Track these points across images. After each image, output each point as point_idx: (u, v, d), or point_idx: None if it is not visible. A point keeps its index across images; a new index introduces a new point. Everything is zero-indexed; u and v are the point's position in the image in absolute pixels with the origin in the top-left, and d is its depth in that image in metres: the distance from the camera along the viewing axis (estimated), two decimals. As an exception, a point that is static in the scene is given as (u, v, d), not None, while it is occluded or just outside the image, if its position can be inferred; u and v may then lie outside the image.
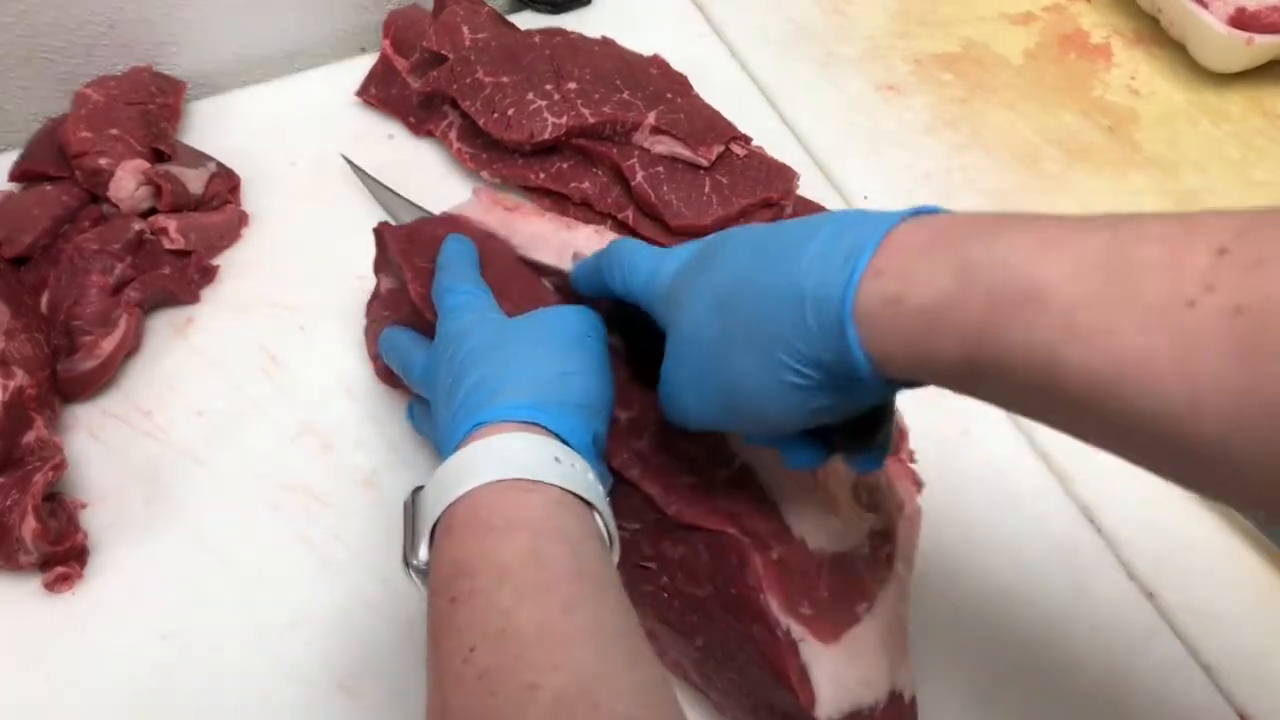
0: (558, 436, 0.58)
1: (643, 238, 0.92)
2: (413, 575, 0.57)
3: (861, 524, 0.69)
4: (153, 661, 0.72)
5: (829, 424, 0.55)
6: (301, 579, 0.76)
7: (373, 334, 0.84)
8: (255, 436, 0.83)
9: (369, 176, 0.96)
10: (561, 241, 0.78)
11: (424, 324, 0.74)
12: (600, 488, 0.58)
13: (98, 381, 0.83)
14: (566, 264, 0.76)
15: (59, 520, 0.74)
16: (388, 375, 0.84)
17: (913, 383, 0.50)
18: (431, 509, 0.56)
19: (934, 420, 0.79)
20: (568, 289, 0.75)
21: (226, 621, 0.74)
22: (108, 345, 0.83)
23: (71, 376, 0.82)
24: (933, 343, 0.46)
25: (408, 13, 1.06)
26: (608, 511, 0.58)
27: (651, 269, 0.62)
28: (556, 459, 0.56)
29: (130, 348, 0.85)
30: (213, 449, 0.82)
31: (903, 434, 0.76)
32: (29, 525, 0.71)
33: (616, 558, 0.57)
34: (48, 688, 0.71)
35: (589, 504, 0.56)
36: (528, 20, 1.11)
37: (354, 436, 0.83)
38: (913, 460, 0.76)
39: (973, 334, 0.44)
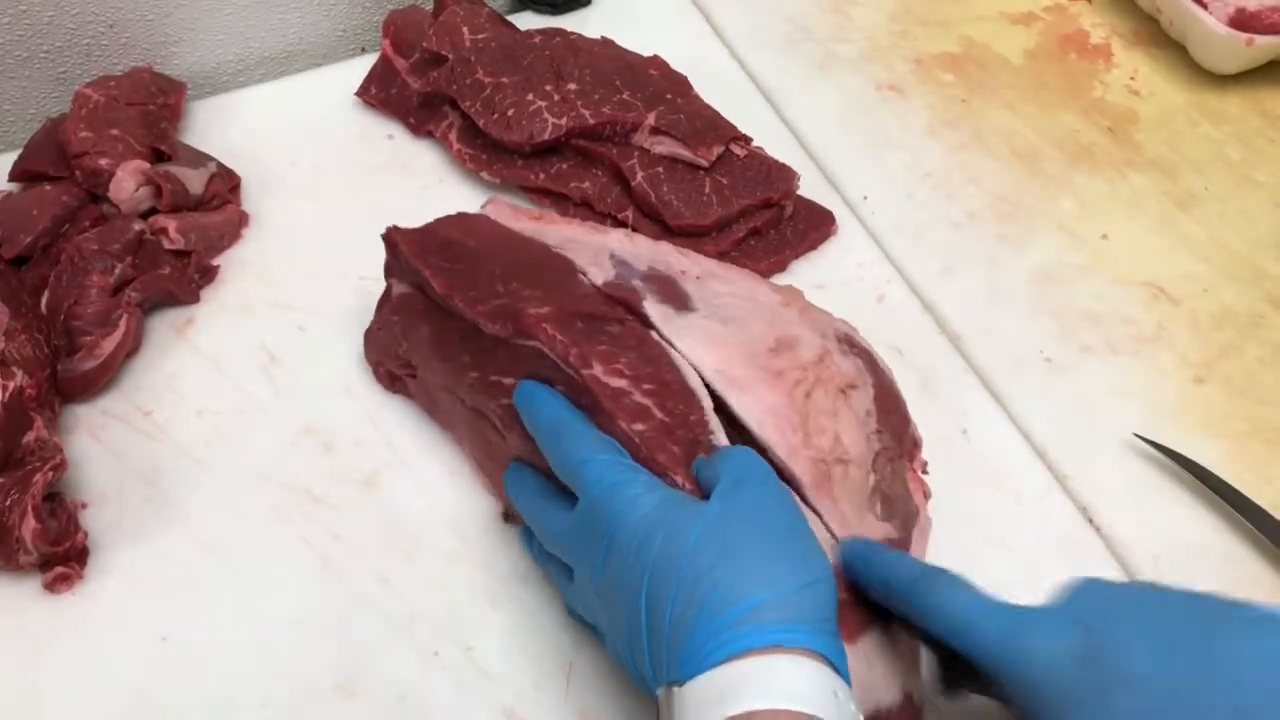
0: (830, 664, 0.56)
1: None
2: None
3: (874, 533, 0.69)
4: (152, 661, 0.72)
5: None
6: (301, 579, 0.76)
7: (375, 340, 0.84)
8: (255, 437, 0.83)
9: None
10: (596, 244, 0.78)
11: (448, 324, 0.74)
12: None
13: (98, 382, 0.83)
14: (603, 265, 0.76)
15: (59, 520, 0.74)
16: (390, 380, 0.84)
17: None
18: (705, 715, 0.54)
19: (933, 420, 0.79)
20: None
21: (226, 622, 0.74)
22: (108, 345, 0.83)
23: (71, 377, 0.82)
24: None
25: (408, 13, 1.06)
26: None
27: (1004, 633, 0.58)
28: (835, 693, 0.54)
29: (130, 348, 0.85)
30: (213, 449, 0.82)
31: (916, 444, 0.76)
32: (29, 525, 0.71)
33: None
34: (47, 687, 0.71)
35: None
36: (528, 21, 1.11)
37: (354, 437, 0.83)
38: (925, 471, 0.76)
39: None
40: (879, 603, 0.64)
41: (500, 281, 0.73)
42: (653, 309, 0.72)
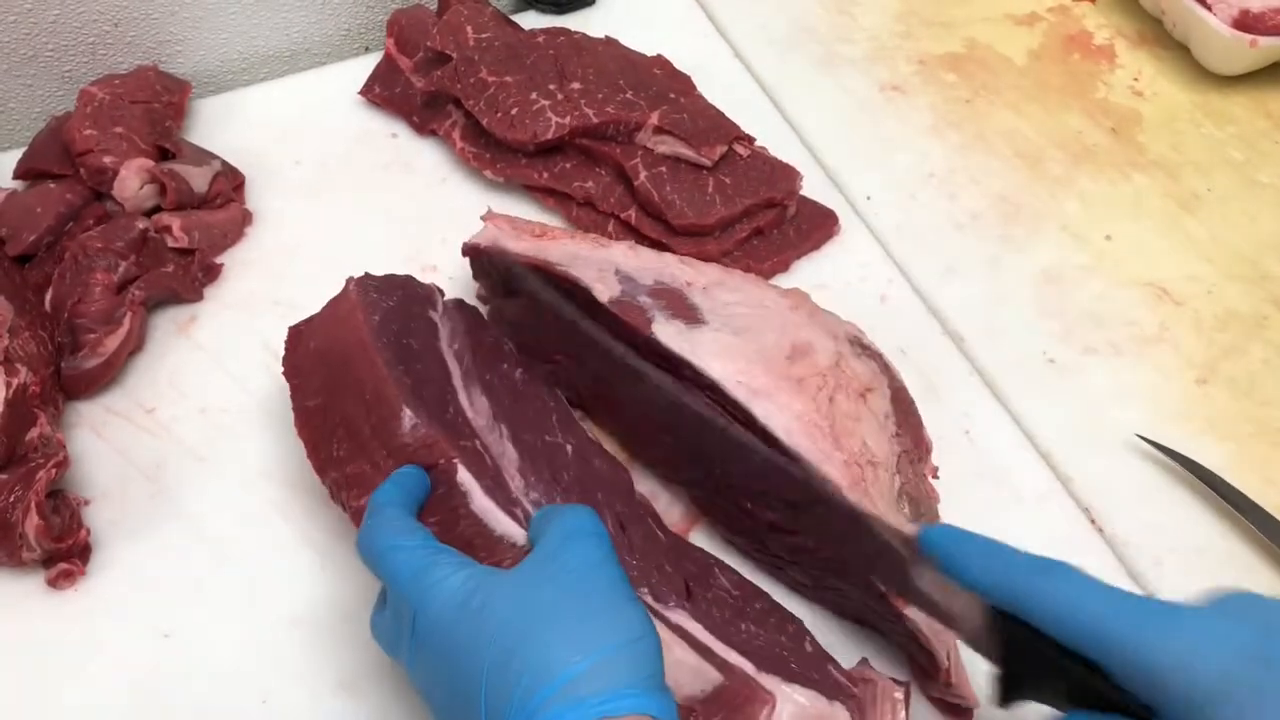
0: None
1: (646, 237, 0.93)
2: None
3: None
4: (154, 658, 0.72)
5: None
6: (303, 577, 0.76)
7: None
8: (257, 434, 0.83)
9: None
10: (600, 259, 0.78)
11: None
12: None
13: (101, 379, 0.83)
14: (609, 282, 0.76)
15: (62, 517, 0.74)
16: None
17: None
18: None
19: (935, 421, 0.79)
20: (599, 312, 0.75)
21: (228, 619, 0.74)
22: (111, 343, 0.83)
23: (75, 374, 0.82)
24: None
25: (412, 12, 1.06)
26: None
27: (1151, 629, 0.52)
28: None
29: (133, 346, 0.85)
30: (215, 447, 0.82)
31: (927, 447, 0.76)
32: (32, 522, 0.71)
33: None
34: (49, 684, 0.71)
35: None
36: (531, 20, 1.11)
37: (356, 435, 0.83)
38: (935, 475, 0.76)
39: None
40: (976, 589, 0.58)
41: (337, 442, 0.72)
42: (662, 329, 0.73)
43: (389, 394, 0.70)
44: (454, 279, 0.91)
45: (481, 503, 0.67)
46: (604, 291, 0.75)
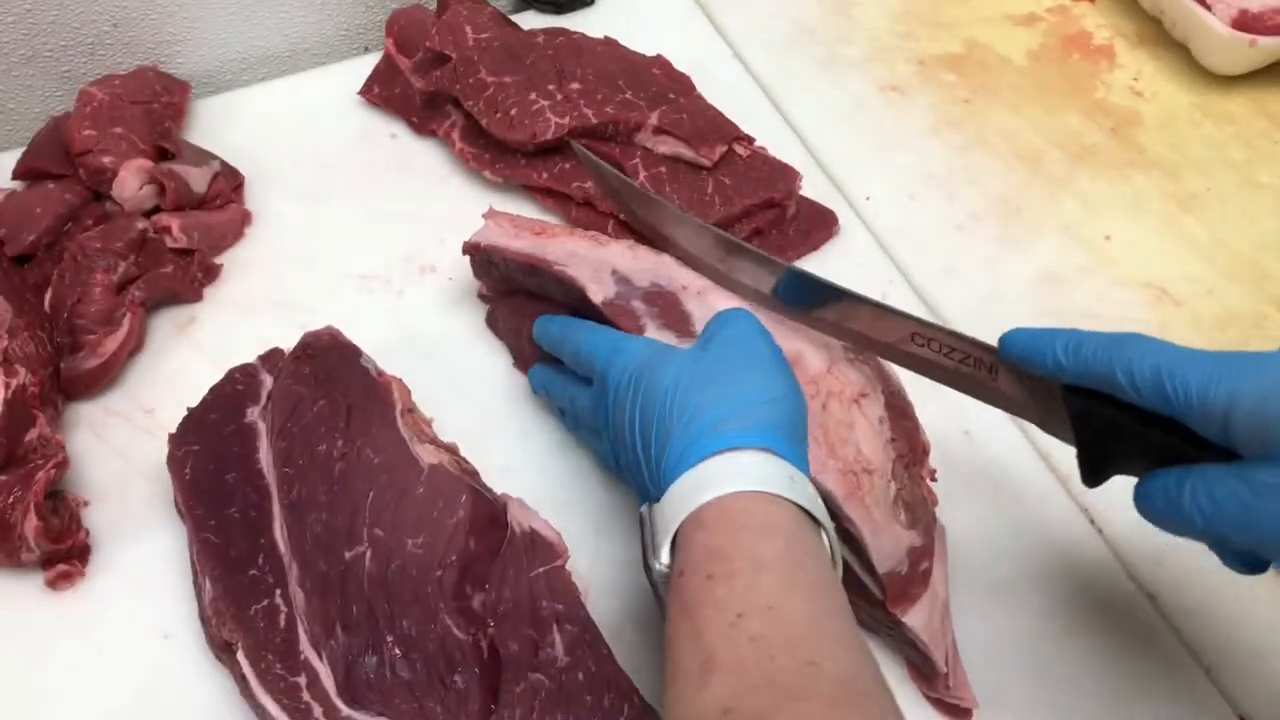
0: (786, 460, 0.62)
1: (644, 238, 0.92)
2: (655, 577, 0.62)
3: (901, 541, 0.69)
4: (153, 660, 0.72)
5: None
6: (303, 577, 0.76)
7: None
8: (257, 435, 0.83)
9: (595, 160, 0.89)
10: (597, 259, 0.78)
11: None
12: (825, 509, 0.62)
13: (100, 380, 0.83)
14: (604, 282, 0.76)
15: (61, 518, 0.74)
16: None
17: None
18: (677, 511, 0.60)
19: (935, 421, 0.78)
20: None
21: (228, 620, 0.74)
22: (111, 344, 0.83)
23: (74, 375, 0.82)
24: None
25: (411, 12, 1.06)
26: (833, 532, 0.62)
27: (1233, 378, 0.56)
28: (792, 479, 0.61)
29: (133, 346, 0.85)
30: (215, 447, 0.82)
31: (925, 449, 0.76)
32: (31, 523, 0.71)
33: (839, 575, 0.61)
34: (48, 685, 0.71)
35: (818, 523, 0.61)
36: (530, 20, 1.11)
37: (356, 435, 0.83)
38: (933, 478, 0.76)
39: None
40: (1059, 374, 0.64)
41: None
42: (653, 336, 0.74)
43: (197, 567, 0.73)
44: (454, 279, 0.91)
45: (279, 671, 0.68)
46: (598, 292, 0.76)
